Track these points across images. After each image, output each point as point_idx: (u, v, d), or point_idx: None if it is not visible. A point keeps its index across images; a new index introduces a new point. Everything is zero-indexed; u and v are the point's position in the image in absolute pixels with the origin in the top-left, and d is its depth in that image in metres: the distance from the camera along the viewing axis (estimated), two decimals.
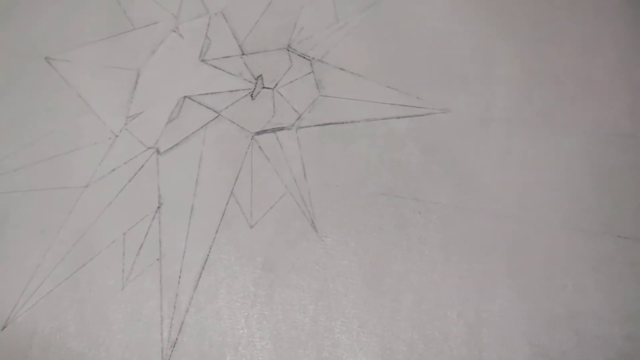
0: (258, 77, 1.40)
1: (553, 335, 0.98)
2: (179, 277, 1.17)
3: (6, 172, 1.37)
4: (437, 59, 1.28)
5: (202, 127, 1.35)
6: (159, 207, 1.27)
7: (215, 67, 1.44)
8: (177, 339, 1.11)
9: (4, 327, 1.19)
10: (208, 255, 1.18)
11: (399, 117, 1.26)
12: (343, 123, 1.29)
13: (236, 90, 1.39)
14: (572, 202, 1.11)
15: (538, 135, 1.19)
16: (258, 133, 1.32)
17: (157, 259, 1.20)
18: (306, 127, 1.30)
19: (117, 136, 1.39)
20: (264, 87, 1.38)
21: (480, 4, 1.38)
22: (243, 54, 1.44)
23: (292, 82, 1.37)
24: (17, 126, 1.44)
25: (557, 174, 1.14)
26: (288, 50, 1.43)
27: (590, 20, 1.32)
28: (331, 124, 1.29)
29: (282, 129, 1.31)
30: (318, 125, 1.30)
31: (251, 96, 1.37)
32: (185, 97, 1.41)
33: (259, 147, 1.30)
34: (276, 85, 1.38)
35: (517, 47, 1.31)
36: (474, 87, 1.27)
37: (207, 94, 1.40)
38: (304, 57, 1.40)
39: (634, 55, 1.26)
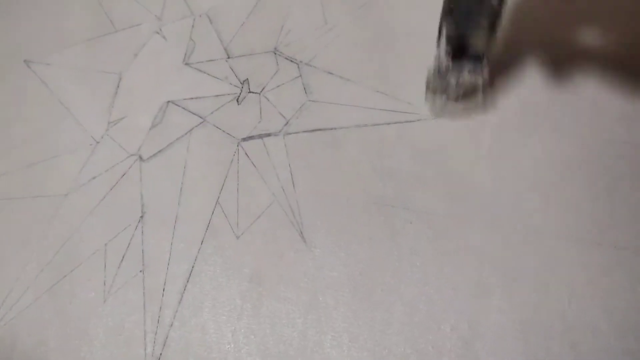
0: (244, 81, 1.36)
1: (549, 349, 0.95)
2: (163, 289, 1.13)
3: None
4: (427, 64, 1.24)
5: (186, 133, 1.31)
6: (141, 217, 1.22)
7: (200, 70, 1.40)
8: (160, 354, 1.07)
9: None
10: (193, 266, 1.14)
11: (389, 123, 1.23)
12: (332, 129, 1.25)
13: (221, 95, 1.35)
14: (568, 211, 1.08)
15: (532, 141, 1.17)
16: (244, 139, 1.28)
17: (140, 271, 1.16)
18: (294, 133, 1.26)
19: (98, 142, 1.34)
20: (250, 92, 1.34)
21: None
22: (229, 57, 1.40)
23: (279, 86, 1.33)
24: None
25: (553, 182, 1.11)
26: (275, 53, 1.39)
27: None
28: (320, 129, 1.26)
29: (269, 135, 1.27)
30: (306, 131, 1.26)
31: (237, 101, 1.33)
32: (169, 101, 1.36)
33: (245, 153, 1.26)
34: (263, 89, 1.34)
35: None
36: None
37: (192, 98, 1.36)
38: (291, 61, 1.36)
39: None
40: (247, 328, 1.06)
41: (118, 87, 1.41)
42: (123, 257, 1.18)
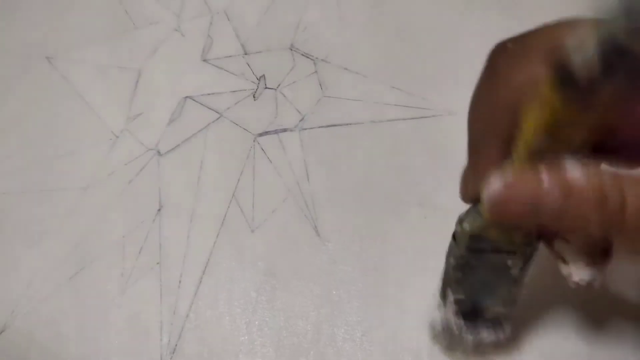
0: (260, 77, 1.37)
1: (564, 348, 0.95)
2: (179, 282, 1.15)
3: (5, 173, 1.35)
4: (444, 59, 1.25)
5: (203, 129, 1.32)
6: (159, 210, 1.24)
7: (217, 67, 1.41)
8: (176, 345, 1.09)
9: (1, 333, 1.17)
10: (208, 259, 1.16)
11: (404, 119, 1.24)
12: (347, 124, 1.26)
13: (238, 91, 1.36)
14: None
15: None
16: (260, 134, 1.29)
17: (157, 263, 1.18)
18: (309, 128, 1.27)
19: (117, 137, 1.36)
20: (266, 88, 1.35)
21: (491, 1, 1.35)
22: (245, 54, 1.42)
23: (295, 82, 1.35)
24: (17, 127, 1.41)
25: None
26: (291, 49, 1.40)
27: None
28: (335, 125, 1.26)
29: (284, 130, 1.28)
30: (321, 126, 1.27)
31: (253, 97, 1.35)
32: (186, 97, 1.38)
33: (262, 149, 1.27)
34: (279, 85, 1.35)
35: None
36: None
37: (209, 94, 1.37)
38: (307, 57, 1.37)
39: None
40: (262, 320, 1.07)
41: (137, 83, 1.43)
42: (141, 249, 1.20)
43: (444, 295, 0.90)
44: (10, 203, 1.30)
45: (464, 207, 1.04)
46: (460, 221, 0.78)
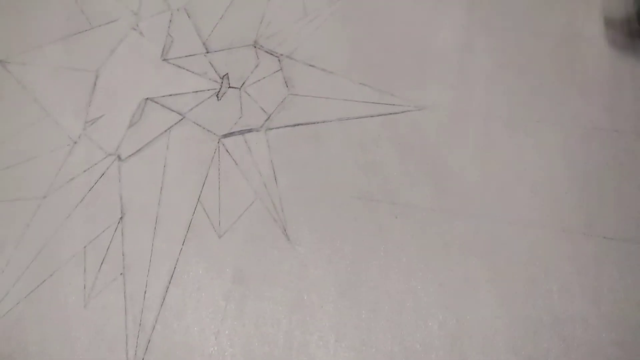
0: (224, 76, 1.33)
1: (538, 344, 0.94)
2: (145, 292, 1.10)
3: None
4: (411, 53, 1.22)
5: (165, 131, 1.28)
6: (121, 218, 1.19)
7: (179, 66, 1.36)
8: (143, 358, 1.04)
9: None
10: (175, 268, 1.12)
11: (372, 116, 1.20)
12: (314, 123, 1.22)
13: (201, 91, 1.32)
14: (554, 201, 1.06)
15: (517, 131, 1.14)
16: (225, 136, 1.25)
17: (121, 274, 1.13)
18: (276, 128, 1.23)
19: (75, 142, 1.30)
20: (230, 87, 1.31)
21: None
22: (207, 52, 1.37)
23: (259, 80, 1.30)
24: None
25: (538, 172, 1.09)
26: (255, 46, 1.35)
27: (569, 13, 1.27)
28: (302, 124, 1.23)
29: (250, 130, 1.24)
30: (288, 126, 1.23)
31: (217, 96, 1.30)
32: (147, 98, 1.33)
33: (227, 150, 1.23)
34: (243, 84, 1.31)
35: (496, 39, 1.26)
36: (449, 82, 1.21)
37: (171, 95, 1.32)
38: (271, 54, 1.33)
39: (613, 49, 1.22)
40: (231, 329, 1.04)
41: (95, 85, 1.38)
42: (103, 259, 1.15)
43: None
44: None
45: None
46: None
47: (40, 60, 1.46)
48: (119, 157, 1.26)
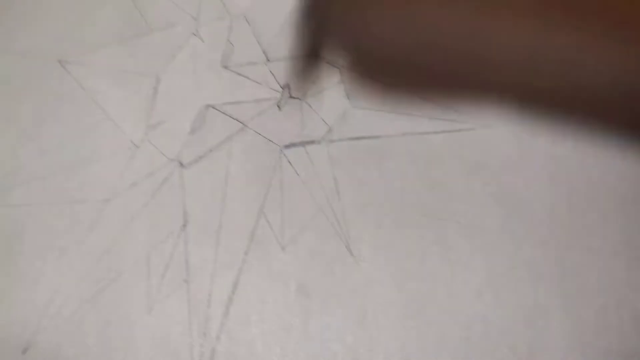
0: (285, 85, 1.33)
1: None
2: (208, 301, 1.12)
3: (20, 183, 1.30)
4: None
5: (227, 139, 1.28)
6: (184, 225, 1.21)
7: (239, 74, 1.37)
8: None
9: (25, 350, 1.14)
10: (238, 278, 1.13)
11: (437, 132, 1.20)
12: (377, 137, 1.22)
13: (262, 100, 1.32)
14: (626, 228, 1.05)
15: (589, 149, 1.13)
16: (287, 146, 1.25)
17: (184, 281, 1.15)
18: (337, 141, 1.24)
19: (137, 147, 1.32)
20: (291, 97, 1.31)
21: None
22: (268, 60, 1.37)
23: (321, 92, 1.30)
24: (32, 134, 1.37)
25: (611, 201, 1.08)
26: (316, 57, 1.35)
27: None
28: (364, 137, 1.23)
29: (312, 142, 1.25)
30: (350, 139, 1.23)
31: (278, 106, 1.31)
32: (208, 105, 1.34)
33: (289, 161, 1.23)
34: (304, 94, 1.31)
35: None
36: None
37: (232, 103, 1.33)
38: (332, 65, 1.33)
39: None
40: (296, 344, 1.05)
41: (156, 89, 1.39)
42: (166, 266, 1.17)
43: None
44: (28, 215, 1.26)
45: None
46: None
47: (100, 62, 1.47)
48: (181, 164, 1.28)
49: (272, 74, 1.35)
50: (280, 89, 1.33)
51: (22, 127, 1.38)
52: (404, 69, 1.26)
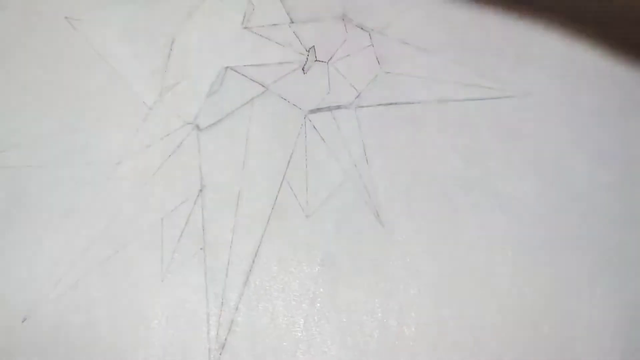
0: (310, 48, 1.26)
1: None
2: (227, 270, 1.05)
3: (26, 143, 1.22)
4: (517, 33, 1.15)
5: (247, 102, 1.21)
6: (200, 191, 1.14)
7: (261, 35, 1.29)
8: (225, 339, 1.00)
9: (24, 320, 1.06)
10: (259, 247, 1.06)
11: (472, 99, 1.14)
12: (409, 103, 1.16)
13: (285, 63, 1.25)
14: None
15: (633, 123, 1.08)
16: (312, 111, 1.19)
17: (201, 249, 1.08)
18: (367, 106, 1.17)
19: (150, 108, 1.24)
20: (316, 60, 1.24)
21: None
22: (292, 22, 1.30)
23: (348, 55, 1.24)
24: (37, 93, 1.28)
25: None
26: (343, 19, 1.29)
27: None
28: (395, 103, 1.16)
29: (339, 107, 1.18)
30: (380, 104, 1.17)
31: (303, 70, 1.24)
32: (227, 67, 1.27)
33: (314, 127, 1.17)
34: (331, 58, 1.24)
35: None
36: (557, 68, 1.14)
37: (253, 65, 1.26)
38: (361, 28, 1.26)
39: None
40: (321, 315, 0.99)
41: (171, 49, 1.31)
42: (182, 233, 1.10)
43: None
44: (31, 177, 1.18)
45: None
46: None
47: (109, 19, 1.39)
48: (198, 127, 1.21)
49: (297, 37, 1.28)
50: (305, 52, 1.26)
51: (25, 86, 1.30)
52: None
